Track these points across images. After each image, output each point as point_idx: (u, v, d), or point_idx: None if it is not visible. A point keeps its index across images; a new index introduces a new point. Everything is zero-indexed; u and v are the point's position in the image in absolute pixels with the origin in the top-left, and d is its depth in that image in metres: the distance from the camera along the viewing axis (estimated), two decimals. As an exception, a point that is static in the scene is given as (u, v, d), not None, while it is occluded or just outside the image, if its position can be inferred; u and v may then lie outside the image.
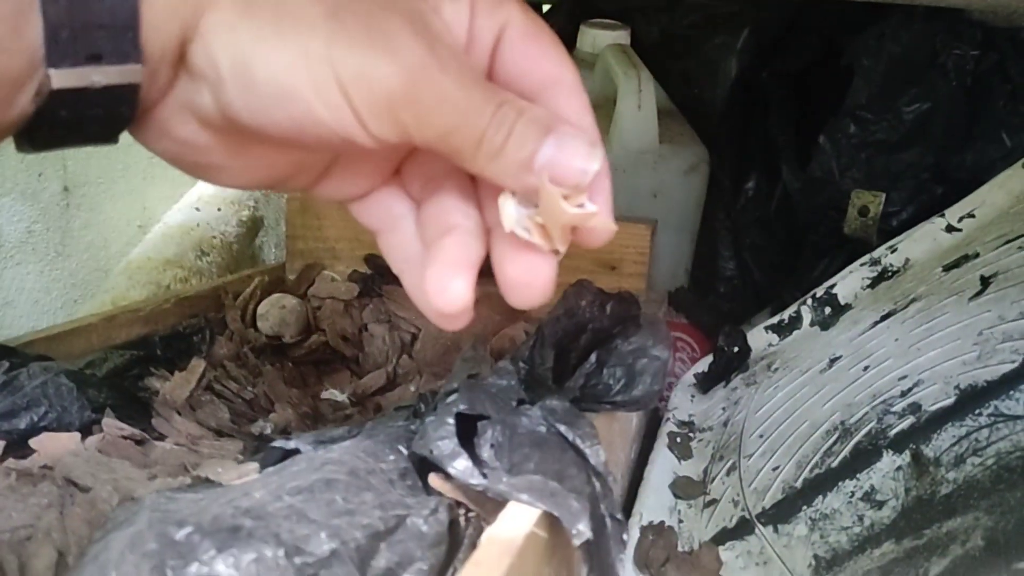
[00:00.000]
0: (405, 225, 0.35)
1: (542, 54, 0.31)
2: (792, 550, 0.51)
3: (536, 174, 0.28)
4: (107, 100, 0.25)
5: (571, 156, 0.28)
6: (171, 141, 0.29)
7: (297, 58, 0.25)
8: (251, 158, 0.30)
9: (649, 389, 0.45)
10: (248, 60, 0.26)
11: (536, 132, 0.28)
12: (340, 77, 0.26)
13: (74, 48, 0.24)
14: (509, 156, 0.28)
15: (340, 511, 0.35)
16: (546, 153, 0.28)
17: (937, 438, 0.50)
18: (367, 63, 0.26)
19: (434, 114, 0.26)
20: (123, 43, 0.24)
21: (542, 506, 0.34)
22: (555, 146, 0.28)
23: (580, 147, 0.28)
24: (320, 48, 0.25)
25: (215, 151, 0.29)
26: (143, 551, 0.32)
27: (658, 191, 0.79)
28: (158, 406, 0.53)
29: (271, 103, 0.26)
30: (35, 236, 0.63)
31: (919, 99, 0.74)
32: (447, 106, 0.26)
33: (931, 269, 0.65)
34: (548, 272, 0.31)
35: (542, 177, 0.28)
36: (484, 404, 0.40)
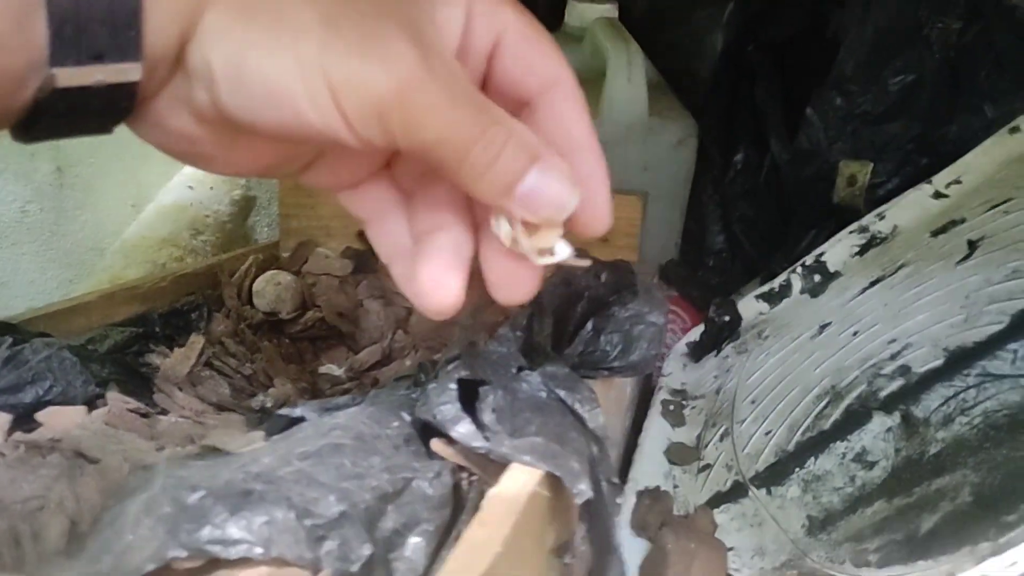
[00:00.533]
0: (394, 216, 0.35)
1: (540, 58, 0.31)
2: (785, 511, 0.52)
3: (515, 201, 0.28)
4: (106, 96, 0.26)
5: (551, 190, 0.28)
6: (163, 131, 0.29)
7: (289, 62, 0.26)
8: (241, 149, 0.31)
9: (646, 354, 0.45)
10: (240, 62, 0.26)
11: (523, 159, 0.28)
12: (331, 82, 0.26)
13: (78, 47, 0.24)
14: (492, 178, 0.28)
15: (348, 474, 0.35)
16: (528, 183, 0.28)
17: (926, 399, 0.51)
18: (358, 70, 0.26)
19: (422, 125, 0.26)
20: (125, 42, 0.25)
21: (544, 467, 0.35)
22: (538, 176, 0.28)
23: (562, 183, 0.28)
24: (312, 53, 0.26)
25: (206, 142, 0.29)
26: (158, 515, 0.32)
27: (648, 164, 0.80)
28: (159, 382, 0.53)
29: (261, 104, 0.27)
30: (29, 216, 0.63)
31: (904, 71, 0.75)
32: (436, 118, 0.26)
33: (919, 235, 0.66)
34: (534, 278, 0.32)
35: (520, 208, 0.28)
36: (485, 370, 0.41)
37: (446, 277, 0.31)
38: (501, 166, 0.28)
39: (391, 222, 0.35)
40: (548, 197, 0.28)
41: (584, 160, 0.31)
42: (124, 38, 0.25)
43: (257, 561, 0.31)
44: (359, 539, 0.32)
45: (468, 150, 0.27)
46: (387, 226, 0.35)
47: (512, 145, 0.28)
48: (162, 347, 0.57)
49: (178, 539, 0.31)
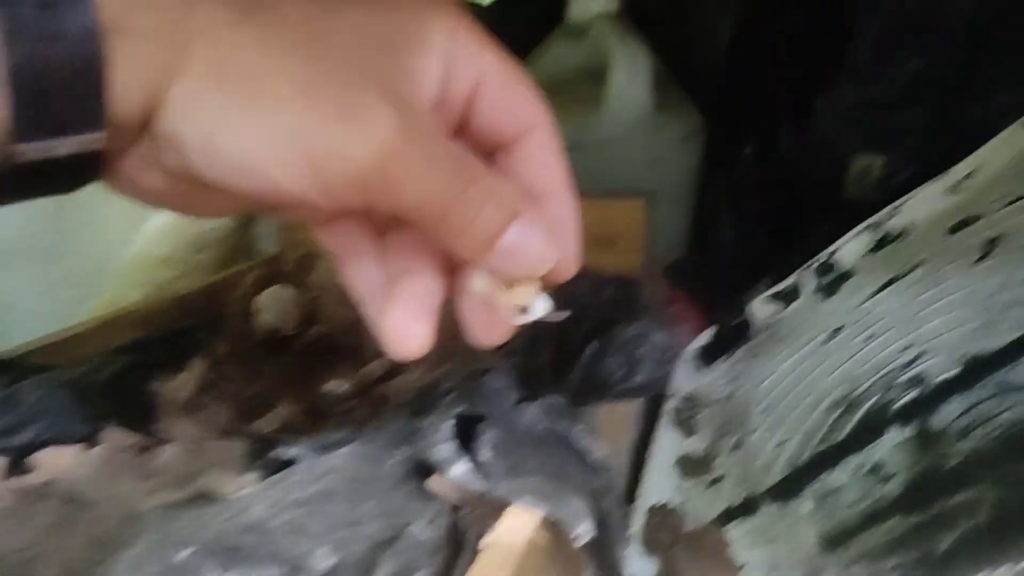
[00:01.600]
0: (368, 255, 0.34)
1: (518, 103, 0.31)
2: (799, 527, 0.51)
3: (495, 256, 0.28)
4: (72, 164, 0.25)
5: (532, 247, 0.28)
6: (133, 187, 0.28)
7: (266, 135, 0.25)
8: (214, 200, 0.30)
9: (652, 376, 0.44)
10: (215, 134, 0.25)
11: (503, 217, 0.28)
12: (311, 156, 0.26)
13: (42, 123, 0.24)
14: (472, 236, 0.28)
15: (342, 523, 0.35)
16: (508, 239, 0.28)
17: (943, 410, 0.50)
18: (338, 143, 0.25)
19: (403, 192, 0.26)
20: (88, 114, 0.24)
21: (542, 509, 0.34)
22: (518, 233, 0.28)
23: (542, 239, 0.28)
24: (290, 126, 0.25)
25: (180, 197, 0.29)
26: (144, 574, 0.32)
27: (653, 161, 0.78)
28: (161, 409, 0.53)
29: (237, 174, 0.26)
30: (29, 239, 0.62)
31: (917, 57, 0.73)
32: (415, 184, 0.26)
33: (935, 232, 0.63)
34: (509, 327, 0.32)
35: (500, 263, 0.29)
36: (482, 403, 0.40)
37: (412, 325, 0.31)
38: (481, 224, 0.28)
39: (364, 262, 0.34)
40: (528, 253, 0.28)
41: (555, 206, 0.32)
42: (88, 110, 0.24)
43: (248, 620, 0.31)
44: (353, 591, 0.32)
45: (448, 211, 0.27)
46: (361, 266, 0.34)
47: (492, 204, 0.28)
48: (164, 373, 0.56)
49: (166, 600, 0.30)
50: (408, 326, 0.31)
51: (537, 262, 0.29)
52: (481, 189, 0.28)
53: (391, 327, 0.31)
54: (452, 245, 0.29)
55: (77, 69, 0.23)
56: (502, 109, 0.31)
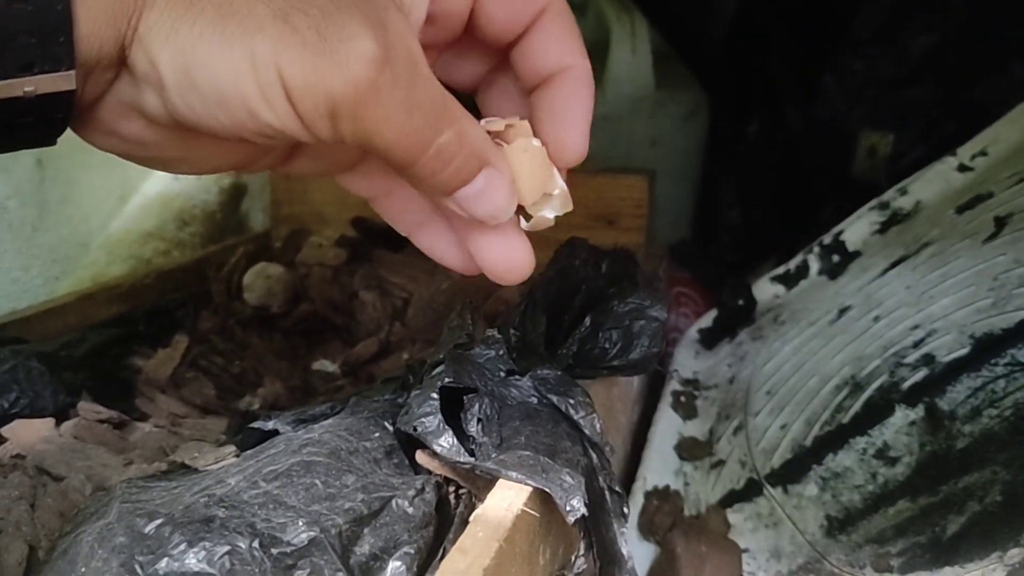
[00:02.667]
0: (400, 189, 0.34)
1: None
2: (803, 511, 0.49)
3: (455, 201, 0.29)
4: (40, 107, 0.24)
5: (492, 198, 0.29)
6: (117, 139, 0.27)
7: (240, 61, 0.24)
8: (203, 149, 0.29)
9: (647, 352, 0.42)
10: (189, 63, 0.24)
11: (472, 167, 0.29)
12: (287, 84, 0.24)
13: (3, 59, 0.23)
14: (439, 182, 0.28)
15: (320, 496, 0.33)
16: (473, 188, 0.29)
17: (952, 390, 0.48)
18: (314, 72, 0.24)
19: (374, 131, 0.26)
20: (54, 51, 0.23)
21: (533, 483, 0.32)
22: (484, 183, 0.29)
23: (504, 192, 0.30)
24: (266, 53, 0.24)
25: (166, 146, 0.28)
26: (112, 545, 0.30)
27: (656, 139, 0.76)
28: (141, 385, 0.51)
29: (214, 106, 0.25)
30: (10, 212, 0.60)
31: (928, 31, 0.71)
32: (388, 127, 0.26)
33: (943, 211, 0.62)
34: (523, 248, 0.32)
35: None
36: (471, 376, 0.38)
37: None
38: (450, 173, 0.28)
39: (398, 195, 0.34)
40: (488, 203, 0.29)
41: (567, 81, 0.32)
42: (53, 47, 0.23)
43: (220, 595, 0.29)
44: (331, 567, 0.30)
45: (418, 157, 0.27)
46: (395, 200, 0.34)
47: (464, 155, 0.28)
48: (145, 348, 0.54)
49: (133, 573, 0.29)
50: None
51: (497, 210, 0.30)
52: (453, 137, 0.27)
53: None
54: (417, 186, 0.29)
55: (40, 5, 0.22)
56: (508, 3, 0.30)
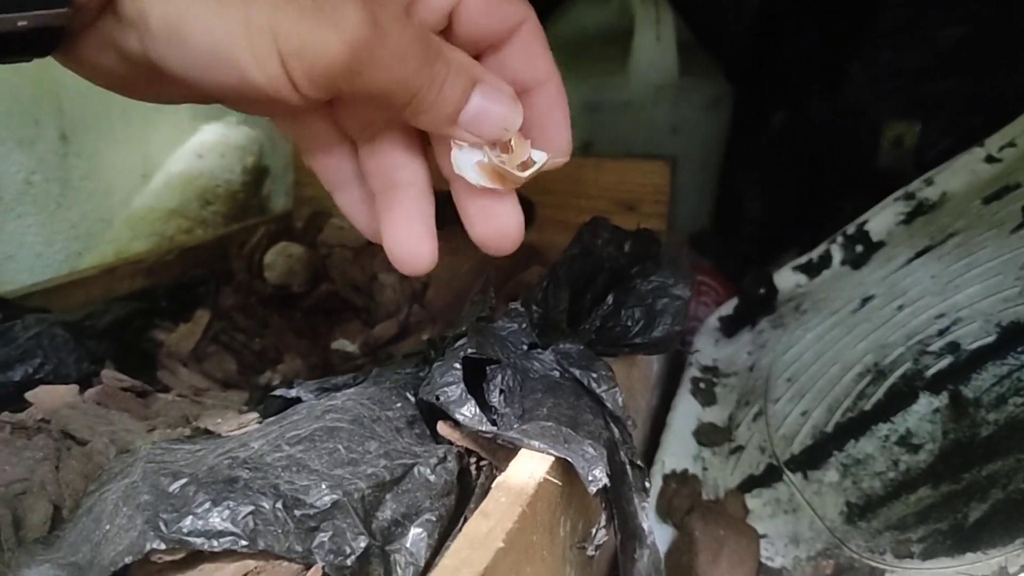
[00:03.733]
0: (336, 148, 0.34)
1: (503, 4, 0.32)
2: (822, 497, 0.49)
3: (460, 126, 0.30)
4: (28, 38, 0.25)
5: (495, 110, 0.30)
6: (88, 68, 0.28)
7: (236, 24, 0.25)
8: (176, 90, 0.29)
9: (670, 330, 0.42)
10: (182, 21, 0.25)
11: (464, 85, 0.29)
12: (281, 48, 0.25)
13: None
14: (438, 110, 0.29)
15: (342, 461, 0.33)
16: (472, 107, 0.30)
17: (977, 378, 0.47)
18: (311, 36, 0.25)
19: (372, 82, 0.27)
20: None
21: (555, 453, 0.32)
22: (480, 99, 0.30)
23: (504, 102, 0.30)
24: (262, 17, 0.25)
25: (134, 83, 0.29)
26: (137, 503, 0.30)
27: (678, 127, 0.76)
28: (163, 358, 0.51)
29: (204, 64, 0.26)
30: (34, 187, 0.61)
31: (957, 22, 0.70)
32: (387, 73, 0.27)
33: (970, 202, 0.61)
34: (514, 217, 0.33)
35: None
36: (494, 348, 0.38)
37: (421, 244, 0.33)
38: (444, 97, 0.29)
39: (334, 154, 0.35)
40: (492, 117, 0.30)
41: (546, 92, 0.33)
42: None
43: (242, 554, 0.29)
44: (354, 530, 0.30)
45: (416, 91, 0.28)
46: (329, 157, 0.35)
47: (452, 74, 0.29)
48: (167, 322, 0.55)
49: (157, 530, 0.29)
50: (417, 246, 0.32)
51: (503, 122, 0.30)
52: (442, 64, 0.28)
53: (397, 247, 0.33)
54: (423, 122, 0.30)
55: None
56: (487, 13, 0.31)
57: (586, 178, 0.65)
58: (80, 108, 0.63)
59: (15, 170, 0.60)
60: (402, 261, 0.33)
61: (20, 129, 0.60)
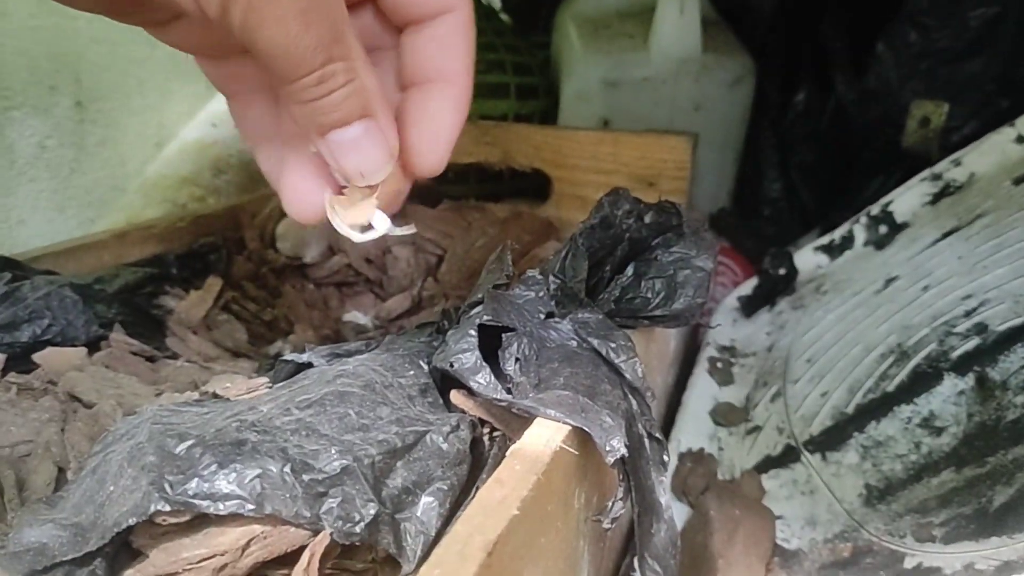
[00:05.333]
0: (260, 98, 0.32)
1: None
2: (841, 479, 0.48)
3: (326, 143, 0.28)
4: None
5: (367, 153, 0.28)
6: None
7: None
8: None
9: (691, 302, 0.41)
10: None
11: (353, 108, 0.27)
12: None
13: None
14: (315, 110, 0.27)
15: (353, 426, 0.32)
16: (348, 134, 0.27)
17: (1004, 360, 0.46)
18: None
19: (264, 29, 0.24)
20: None
21: (571, 422, 0.31)
22: (361, 132, 0.27)
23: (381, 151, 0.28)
24: None
25: None
26: (141, 464, 0.29)
27: (700, 104, 0.74)
28: (173, 325, 0.50)
29: None
30: (49, 152, 0.60)
31: (987, 3, 0.68)
32: (280, 30, 0.24)
33: (999, 183, 0.60)
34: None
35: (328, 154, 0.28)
36: (510, 315, 0.37)
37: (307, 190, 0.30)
38: (329, 103, 0.26)
39: (256, 104, 0.32)
40: (360, 156, 0.28)
41: (446, 92, 0.31)
42: None
43: (249, 519, 0.28)
44: (363, 496, 0.29)
45: (300, 74, 0.26)
46: (251, 107, 0.33)
47: (350, 89, 0.26)
48: (178, 289, 0.54)
49: (162, 492, 0.28)
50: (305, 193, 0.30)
51: (364, 170, 0.28)
52: (342, 69, 0.26)
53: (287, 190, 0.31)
54: (292, 109, 0.27)
55: None
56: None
57: (604, 153, 0.64)
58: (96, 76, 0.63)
59: (29, 135, 0.59)
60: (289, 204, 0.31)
61: (36, 95, 0.59)
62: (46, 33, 0.58)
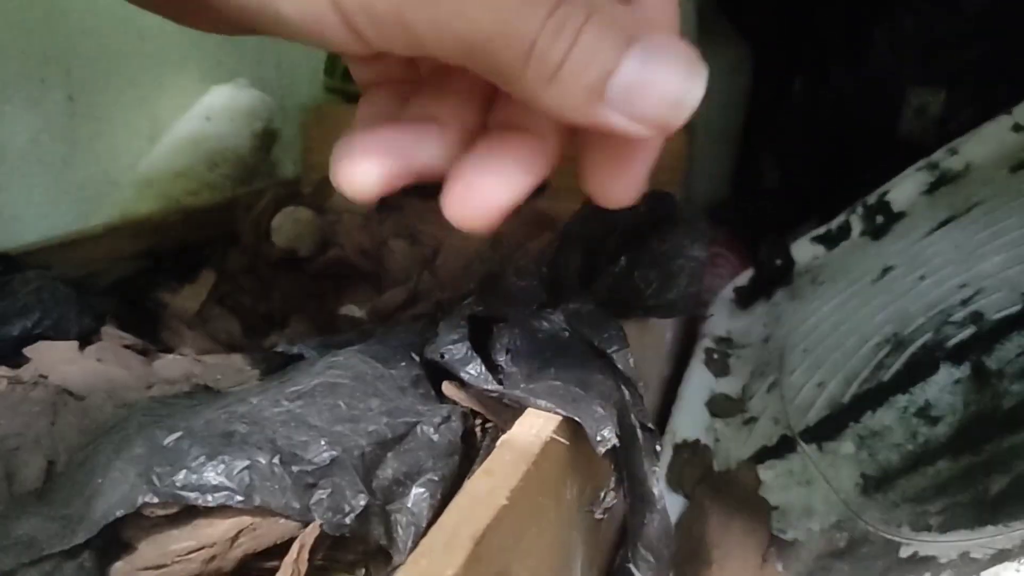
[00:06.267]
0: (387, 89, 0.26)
1: None
2: (837, 468, 0.47)
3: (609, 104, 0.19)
4: None
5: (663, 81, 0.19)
6: None
7: None
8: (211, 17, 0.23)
9: (685, 292, 0.41)
10: None
11: (612, 42, 0.19)
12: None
13: None
14: (572, 77, 0.19)
15: (343, 417, 0.32)
16: (628, 73, 0.19)
17: (1001, 348, 0.46)
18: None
19: (461, 17, 0.19)
20: None
21: (562, 412, 0.31)
22: (640, 63, 0.19)
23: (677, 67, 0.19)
24: None
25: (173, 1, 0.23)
26: (130, 456, 0.29)
27: (696, 94, 0.74)
28: (167, 318, 0.50)
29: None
30: (41, 146, 0.60)
31: (984, -10, 0.68)
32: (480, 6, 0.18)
33: (996, 171, 0.59)
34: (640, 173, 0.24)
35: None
36: (501, 306, 0.37)
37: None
38: (582, 54, 0.19)
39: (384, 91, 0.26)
40: (659, 91, 0.19)
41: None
42: None
43: (238, 510, 0.28)
44: (353, 488, 0.29)
45: (532, 43, 0.19)
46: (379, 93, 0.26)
47: (594, 24, 0.19)
48: (172, 283, 0.54)
49: (151, 483, 0.28)
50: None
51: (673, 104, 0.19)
52: (577, 7, 0.19)
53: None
54: (545, 100, 0.20)
55: None
56: None
57: (600, 144, 0.63)
58: (88, 70, 0.62)
59: (21, 129, 0.59)
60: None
61: (26, 89, 0.59)
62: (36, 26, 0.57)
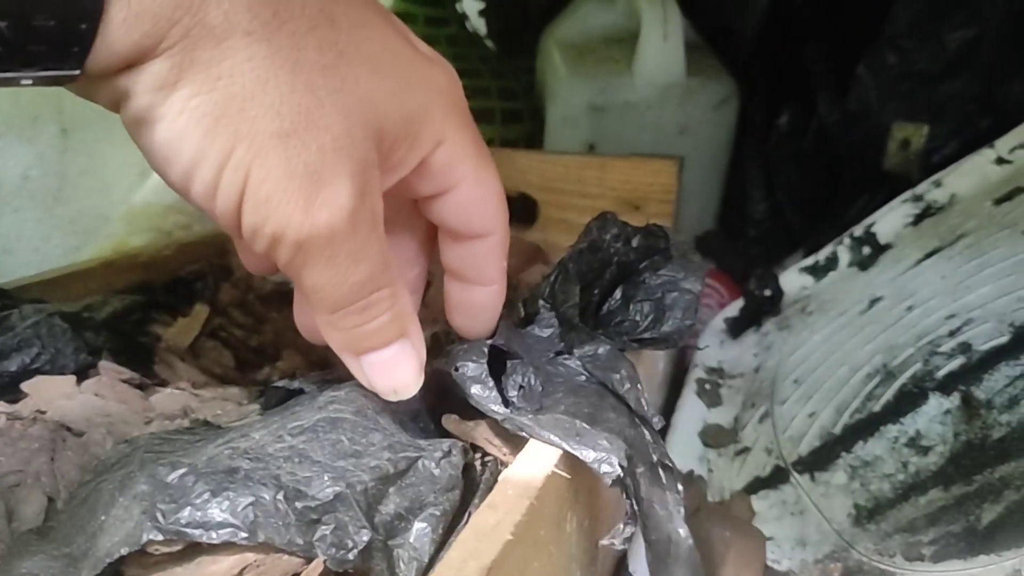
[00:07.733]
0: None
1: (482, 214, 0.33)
2: (830, 499, 0.48)
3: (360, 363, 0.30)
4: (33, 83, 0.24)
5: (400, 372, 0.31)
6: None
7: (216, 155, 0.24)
8: None
9: (680, 324, 0.41)
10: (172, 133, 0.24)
11: (392, 333, 0.29)
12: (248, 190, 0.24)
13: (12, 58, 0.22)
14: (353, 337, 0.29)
15: (345, 452, 0.32)
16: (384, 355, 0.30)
17: (989, 379, 0.46)
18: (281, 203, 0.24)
19: (310, 271, 0.26)
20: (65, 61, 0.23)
21: (564, 447, 0.31)
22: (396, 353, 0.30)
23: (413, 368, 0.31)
24: (247, 158, 0.24)
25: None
26: (134, 493, 0.29)
27: (685, 127, 0.75)
28: (160, 352, 0.50)
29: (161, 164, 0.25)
30: (32, 182, 0.60)
31: (964, 25, 0.70)
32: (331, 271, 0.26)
33: (980, 203, 0.61)
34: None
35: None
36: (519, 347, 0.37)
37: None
38: (369, 331, 0.29)
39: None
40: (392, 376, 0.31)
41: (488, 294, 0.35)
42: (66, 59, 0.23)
43: (242, 547, 0.28)
44: (356, 523, 0.29)
45: (346, 306, 0.28)
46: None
47: (391, 315, 0.29)
48: (165, 316, 0.54)
49: (154, 521, 0.28)
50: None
51: (400, 387, 0.31)
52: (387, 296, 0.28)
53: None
54: (329, 336, 0.29)
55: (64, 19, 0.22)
56: (466, 214, 0.32)
57: (590, 177, 0.65)
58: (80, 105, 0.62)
59: (13, 164, 0.59)
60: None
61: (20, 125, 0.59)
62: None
